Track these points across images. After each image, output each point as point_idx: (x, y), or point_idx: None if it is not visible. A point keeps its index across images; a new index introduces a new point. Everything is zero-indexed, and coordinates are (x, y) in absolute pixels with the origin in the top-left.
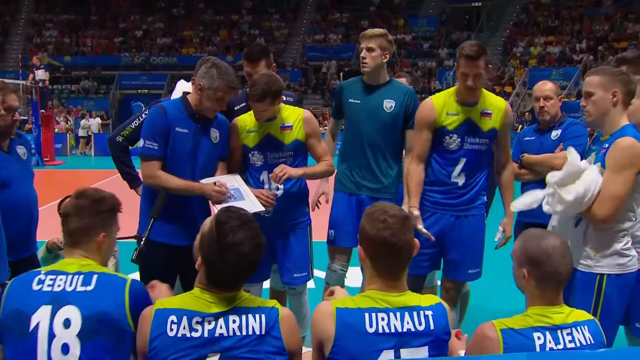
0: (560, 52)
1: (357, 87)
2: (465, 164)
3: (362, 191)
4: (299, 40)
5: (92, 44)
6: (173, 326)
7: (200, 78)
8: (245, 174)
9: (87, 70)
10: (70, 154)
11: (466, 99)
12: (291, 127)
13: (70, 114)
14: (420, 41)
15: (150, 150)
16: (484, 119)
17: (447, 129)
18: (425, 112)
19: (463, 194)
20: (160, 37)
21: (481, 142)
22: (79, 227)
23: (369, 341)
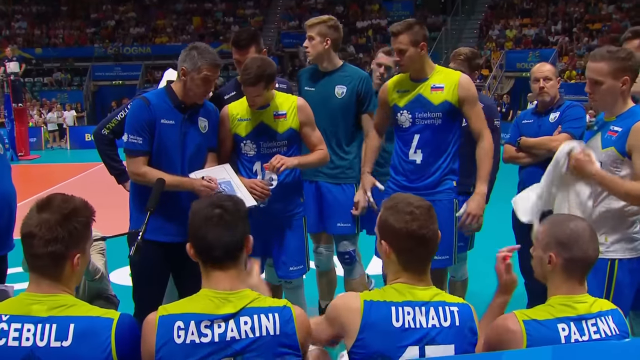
0: (536, 34)
1: (312, 75)
2: (420, 140)
3: (319, 177)
4: (273, 27)
5: (64, 35)
6: (180, 332)
7: (182, 63)
8: (237, 165)
9: (59, 62)
10: (45, 148)
11: (415, 76)
12: (285, 115)
13: (43, 107)
14: None
15: (134, 145)
16: (435, 93)
17: (398, 106)
18: (380, 93)
19: (425, 176)
20: (133, 27)
21: (434, 117)
22: (47, 253)
23: (395, 337)
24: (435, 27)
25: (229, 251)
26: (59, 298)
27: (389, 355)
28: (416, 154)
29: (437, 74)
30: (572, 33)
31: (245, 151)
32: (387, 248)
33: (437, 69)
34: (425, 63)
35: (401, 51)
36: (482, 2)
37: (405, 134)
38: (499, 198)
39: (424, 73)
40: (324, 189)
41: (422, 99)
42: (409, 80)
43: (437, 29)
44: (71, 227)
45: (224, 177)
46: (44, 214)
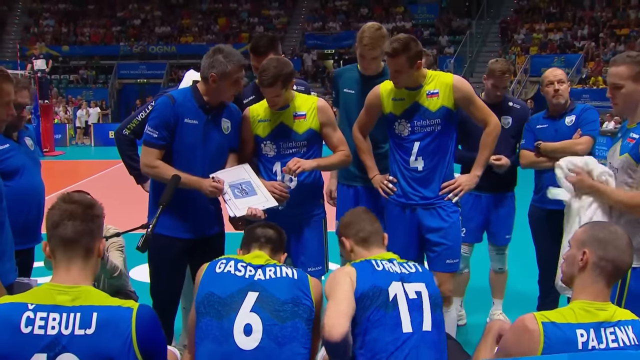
0: (562, 39)
1: (352, 76)
2: (420, 148)
3: (358, 182)
4: (298, 28)
5: (90, 34)
6: (221, 265)
7: (209, 69)
8: (258, 165)
9: (85, 60)
10: (69, 144)
11: (409, 84)
12: (305, 115)
13: (69, 104)
14: (420, 28)
15: (150, 137)
16: (431, 99)
17: (394, 115)
18: (371, 98)
19: (429, 182)
20: (158, 26)
21: (433, 123)
22: (81, 231)
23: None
24: (459, 30)
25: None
26: (82, 289)
27: None
28: (417, 161)
29: (430, 80)
30: (598, 38)
31: (265, 152)
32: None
33: (429, 74)
34: (419, 74)
35: (398, 71)
36: (508, 6)
37: (404, 142)
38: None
39: (418, 82)
40: (362, 195)
41: (419, 107)
42: (404, 88)
43: (461, 32)
44: (94, 214)
45: (243, 178)
46: (72, 204)
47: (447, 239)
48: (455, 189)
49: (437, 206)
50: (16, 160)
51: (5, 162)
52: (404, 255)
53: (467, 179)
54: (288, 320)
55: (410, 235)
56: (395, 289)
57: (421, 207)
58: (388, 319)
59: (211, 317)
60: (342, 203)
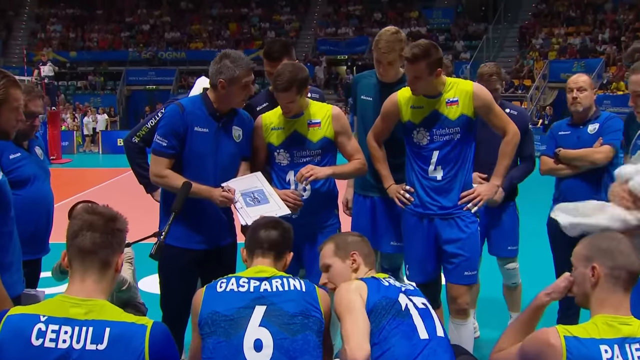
0: (582, 43)
1: (370, 83)
2: (439, 157)
3: (375, 192)
4: (310, 33)
5: (98, 39)
6: (222, 284)
7: (217, 75)
8: (271, 174)
9: (93, 66)
10: (77, 152)
11: (428, 92)
12: (319, 123)
13: (76, 110)
14: (435, 33)
15: (159, 146)
16: (451, 107)
17: (413, 123)
18: (388, 105)
19: (448, 191)
20: (168, 32)
21: (452, 132)
22: (100, 243)
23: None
24: (476, 35)
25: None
26: (96, 303)
27: None
28: (436, 171)
29: (450, 88)
30: (620, 42)
31: (278, 160)
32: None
33: (448, 82)
34: (439, 82)
35: (417, 77)
36: (525, 10)
37: (422, 150)
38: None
39: (438, 90)
40: (380, 206)
41: (438, 116)
42: (422, 96)
43: (478, 37)
44: (115, 227)
45: (255, 186)
46: (94, 215)
47: (465, 250)
48: (474, 199)
49: (455, 216)
50: (27, 170)
51: (17, 171)
52: (421, 267)
53: (487, 189)
54: (298, 333)
55: (428, 246)
56: (404, 300)
57: (439, 217)
58: (405, 326)
59: (218, 336)
60: (358, 213)
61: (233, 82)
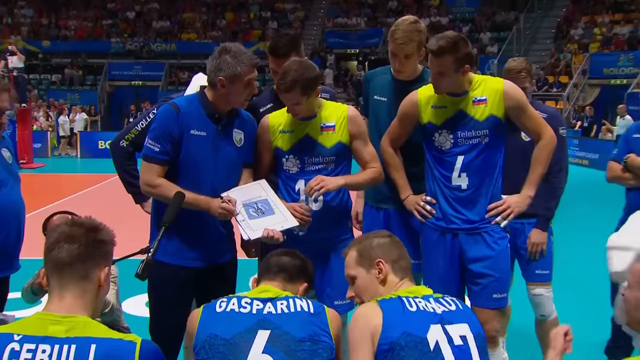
0: (631, 33)
1: (384, 81)
2: (464, 163)
3: (389, 204)
4: (317, 24)
5: (76, 27)
6: (222, 304)
7: (217, 73)
8: (278, 183)
9: (69, 58)
10: (51, 155)
11: (453, 90)
12: (333, 127)
13: (51, 108)
14: (458, 24)
15: (151, 152)
16: (478, 107)
17: (434, 125)
18: (406, 107)
19: (474, 202)
20: (156, 20)
21: (479, 135)
22: (76, 255)
23: None
24: (504, 25)
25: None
26: (78, 319)
27: None
28: (461, 179)
29: (477, 85)
30: None
31: (287, 167)
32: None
33: (476, 79)
34: (465, 79)
35: (441, 73)
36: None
37: (445, 155)
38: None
39: (464, 87)
40: (395, 219)
41: (464, 116)
42: (445, 95)
43: (507, 27)
44: (98, 238)
45: (259, 195)
46: (73, 227)
47: (494, 269)
48: (503, 212)
49: (482, 231)
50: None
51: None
52: (443, 288)
53: (518, 200)
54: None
55: (451, 265)
56: (436, 335)
57: (464, 232)
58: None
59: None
60: (370, 228)
61: (234, 80)
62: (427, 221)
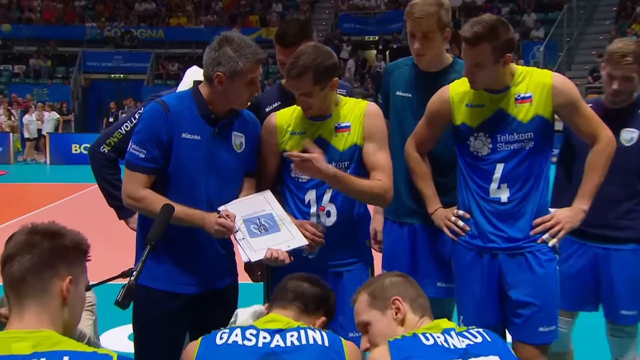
0: None
1: (407, 74)
2: (505, 171)
3: (415, 218)
4: (329, 7)
5: (42, 9)
6: (223, 335)
7: (215, 66)
8: (284, 193)
9: (35, 46)
10: (14, 161)
11: (492, 85)
12: (349, 127)
13: (13, 105)
14: (497, 4)
15: (135, 158)
16: (522, 106)
17: (469, 127)
18: (436, 105)
19: (515, 217)
20: (139, 2)
21: (523, 138)
22: (29, 267)
23: None
24: (553, 4)
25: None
26: (46, 333)
27: None
28: (500, 190)
29: (520, 79)
30: None
31: (296, 175)
32: None
33: (518, 71)
34: (506, 72)
35: (477, 65)
36: None
37: (482, 163)
38: None
39: (504, 81)
40: (422, 236)
41: (505, 117)
42: (483, 91)
43: (555, 7)
44: (58, 244)
45: (263, 209)
46: (29, 235)
47: (539, 297)
48: (552, 228)
49: (526, 251)
50: None
51: None
52: (478, 318)
53: (569, 215)
54: None
55: (488, 292)
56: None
57: (504, 252)
58: None
59: None
60: (392, 246)
61: (235, 77)
62: (460, 239)
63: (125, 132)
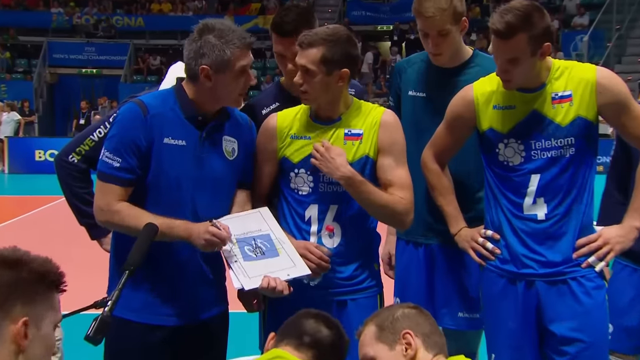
0: None
1: (421, 71)
2: (541, 184)
3: (432, 238)
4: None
5: None
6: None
7: (197, 60)
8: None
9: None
10: None
11: (526, 83)
12: (361, 136)
13: None
14: None
15: (108, 168)
16: (560, 106)
17: (497, 132)
18: (457, 107)
19: (554, 238)
20: None
21: (562, 145)
22: None
23: None
24: None
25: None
26: None
27: None
28: (536, 205)
29: (558, 75)
30: None
31: (295, 185)
32: None
33: (555, 65)
34: (542, 66)
35: (513, 60)
36: None
37: (514, 174)
38: None
39: (540, 78)
40: (440, 258)
41: (540, 119)
42: (514, 90)
43: None
44: (11, 277)
45: (259, 229)
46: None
47: (588, 332)
48: (599, 249)
49: (569, 277)
50: None
51: None
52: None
53: (619, 234)
54: None
55: (524, 325)
56: None
57: (542, 279)
58: None
59: None
60: (406, 270)
61: (222, 69)
62: (489, 264)
63: (98, 138)
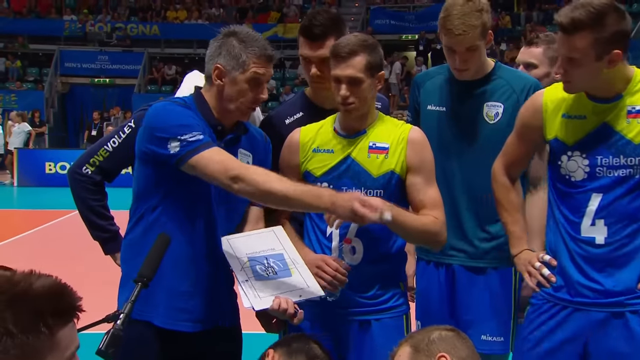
0: None
1: (441, 85)
2: (603, 204)
3: (453, 257)
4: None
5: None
6: None
7: (214, 58)
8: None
9: (2, 42)
10: None
11: (597, 93)
12: (387, 150)
13: None
14: None
15: (200, 141)
16: (636, 122)
17: (563, 144)
18: (526, 114)
19: (615, 266)
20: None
21: (631, 164)
22: None
23: None
24: None
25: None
26: None
27: None
28: (595, 228)
29: (638, 87)
30: None
31: None
32: None
33: (637, 76)
34: (615, 75)
35: (572, 61)
36: None
37: (575, 190)
38: None
39: (614, 88)
40: (461, 278)
41: (611, 133)
42: (586, 99)
43: None
44: (11, 300)
45: (272, 248)
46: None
47: None
48: None
49: (628, 310)
50: None
51: None
52: None
53: None
54: None
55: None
56: None
57: (597, 309)
58: None
59: None
60: (427, 292)
61: (235, 69)
62: (543, 291)
63: (112, 149)
